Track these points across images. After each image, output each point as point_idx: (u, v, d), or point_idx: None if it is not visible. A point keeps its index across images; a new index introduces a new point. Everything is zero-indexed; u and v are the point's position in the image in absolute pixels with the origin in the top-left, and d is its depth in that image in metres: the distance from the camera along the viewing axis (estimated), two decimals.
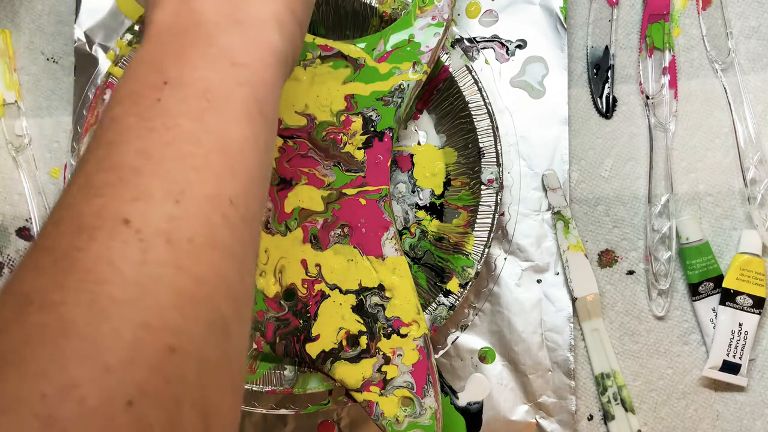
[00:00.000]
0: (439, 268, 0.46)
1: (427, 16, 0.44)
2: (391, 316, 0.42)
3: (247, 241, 0.23)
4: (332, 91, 0.43)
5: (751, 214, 0.46)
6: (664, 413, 0.46)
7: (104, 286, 0.19)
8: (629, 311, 0.47)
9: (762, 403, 0.46)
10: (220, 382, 0.20)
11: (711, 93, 0.47)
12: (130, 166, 0.21)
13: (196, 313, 0.20)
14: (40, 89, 0.53)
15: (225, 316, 0.21)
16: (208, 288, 0.20)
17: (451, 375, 0.47)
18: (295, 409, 0.45)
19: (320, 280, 0.42)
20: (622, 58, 0.48)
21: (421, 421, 0.41)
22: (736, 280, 0.45)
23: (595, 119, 0.48)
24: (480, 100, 0.45)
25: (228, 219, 0.22)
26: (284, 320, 0.42)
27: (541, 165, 0.47)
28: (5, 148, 0.52)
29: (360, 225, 0.42)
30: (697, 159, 0.47)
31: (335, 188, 0.43)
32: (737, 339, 0.45)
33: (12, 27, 0.53)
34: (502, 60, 0.48)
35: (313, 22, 0.48)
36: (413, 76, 0.43)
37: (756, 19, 0.47)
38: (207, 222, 0.21)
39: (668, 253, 0.46)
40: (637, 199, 0.47)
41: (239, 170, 0.23)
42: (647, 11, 0.48)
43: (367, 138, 0.43)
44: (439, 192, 0.47)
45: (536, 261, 0.47)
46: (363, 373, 0.41)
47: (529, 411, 0.46)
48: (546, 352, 0.46)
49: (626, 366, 0.47)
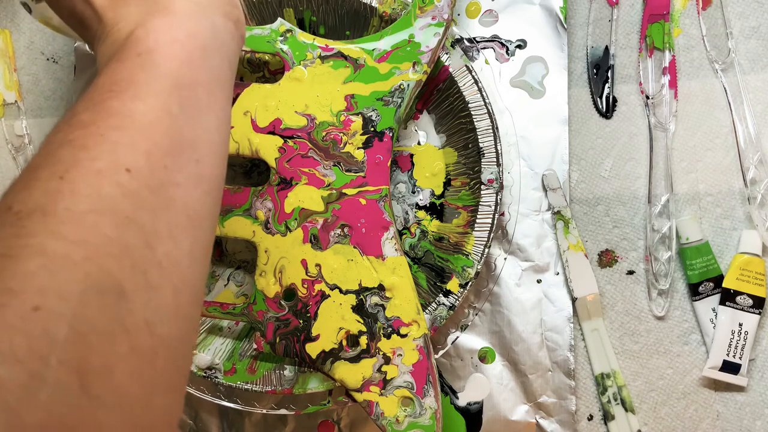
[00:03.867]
0: (439, 268, 0.46)
1: (427, 16, 0.44)
2: (391, 316, 0.42)
3: (158, 207, 0.23)
4: (332, 91, 0.43)
5: (751, 214, 0.46)
6: (664, 413, 0.46)
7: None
8: (629, 311, 0.47)
9: (762, 403, 0.46)
10: (108, 344, 0.20)
11: (711, 93, 0.47)
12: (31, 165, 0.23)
13: (71, 273, 0.20)
14: (40, 89, 0.53)
15: (117, 279, 0.21)
16: (89, 250, 0.21)
17: (451, 375, 0.47)
18: (295, 409, 0.45)
19: (320, 280, 0.42)
20: (622, 58, 0.48)
21: (421, 421, 0.41)
22: (736, 280, 0.45)
23: (595, 119, 0.48)
24: (480, 100, 0.45)
25: (124, 187, 0.22)
26: (284, 320, 0.42)
27: (541, 165, 0.47)
28: (5, 148, 0.52)
29: (360, 225, 0.42)
30: (697, 159, 0.47)
31: (335, 188, 0.43)
32: (737, 339, 0.45)
33: (12, 27, 0.53)
34: (502, 60, 0.48)
35: (313, 22, 0.48)
36: (413, 76, 0.43)
37: (756, 19, 0.47)
38: (93, 191, 0.22)
39: (668, 253, 0.46)
40: (637, 199, 0.47)
41: (141, 141, 0.24)
42: (647, 11, 0.48)
43: (367, 138, 0.43)
44: (439, 192, 0.47)
45: (536, 261, 0.47)
46: (363, 373, 0.41)
47: (529, 411, 0.46)
48: (546, 352, 0.46)
49: (626, 366, 0.47)
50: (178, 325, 0.23)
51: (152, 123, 0.24)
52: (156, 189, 0.23)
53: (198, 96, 0.27)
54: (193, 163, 0.26)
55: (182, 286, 0.24)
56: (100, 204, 0.22)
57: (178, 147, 0.25)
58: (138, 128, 0.24)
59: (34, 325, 0.19)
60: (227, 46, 0.30)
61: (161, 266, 0.23)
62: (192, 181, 0.25)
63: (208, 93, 0.27)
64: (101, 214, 0.22)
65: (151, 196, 0.23)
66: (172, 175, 0.24)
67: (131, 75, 0.26)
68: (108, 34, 0.29)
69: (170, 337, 0.23)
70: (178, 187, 0.24)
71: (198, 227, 0.25)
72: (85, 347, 0.20)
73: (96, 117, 0.24)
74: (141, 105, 0.25)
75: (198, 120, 0.26)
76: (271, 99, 0.43)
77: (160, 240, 0.23)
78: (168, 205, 0.24)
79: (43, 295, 0.19)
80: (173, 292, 0.23)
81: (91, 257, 0.21)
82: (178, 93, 0.26)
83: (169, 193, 0.24)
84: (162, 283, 0.23)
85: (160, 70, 0.26)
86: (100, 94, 0.25)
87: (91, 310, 0.20)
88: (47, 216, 0.21)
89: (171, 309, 0.23)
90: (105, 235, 0.21)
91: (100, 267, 0.21)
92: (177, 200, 0.24)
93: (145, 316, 0.22)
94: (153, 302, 0.22)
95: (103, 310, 0.20)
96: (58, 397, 0.19)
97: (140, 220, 0.22)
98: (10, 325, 0.19)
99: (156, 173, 0.24)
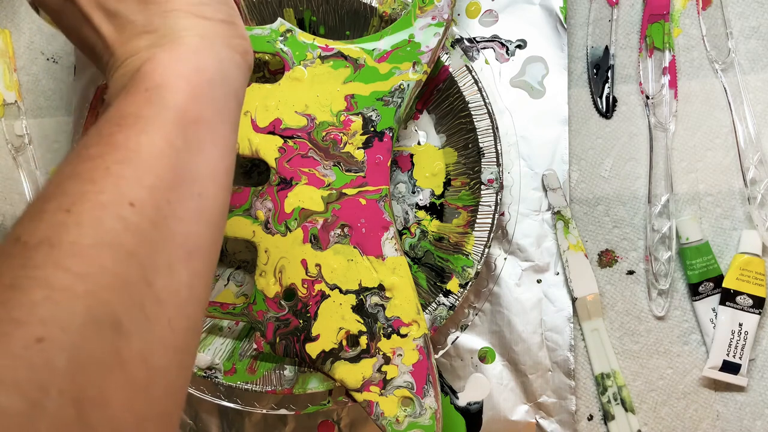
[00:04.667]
0: (439, 268, 0.46)
1: (427, 16, 0.44)
2: (391, 316, 0.42)
3: (159, 241, 0.24)
4: (332, 91, 0.43)
5: (751, 214, 0.46)
6: (664, 413, 0.46)
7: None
8: (629, 311, 0.47)
9: (762, 403, 0.46)
10: (105, 376, 0.21)
11: (711, 93, 0.47)
12: (40, 196, 0.24)
13: (73, 306, 0.21)
14: (40, 89, 0.53)
15: (115, 313, 0.21)
16: (90, 284, 0.21)
17: (451, 375, 0.47)
18: (295, 409, 0.45)
19: (320, 280, 0.42)
20: (622, 58, 0.48)
21: (421, 421, 0.41)
22: (736, 280, 0.45)
23: (595, 119, 0.48)
24: (480, 100, 0.45)
25: (127, 221, 0.23)
26: (284, 320, 0.42)
27: (541, 165, 0.47)
28: (5, 148, 0.52)
29: (360, 225, 0.42)
30: (697, 159, 0.47)
31: (335, 188, 0.43)
32: (737, 339, 0.45)
33: (12, 27, 0.53)
34: (502, 60, 0.48)
35: (313, 22, 0.48)
36: (413, 76, 0.43)
37: (756, 19, 0.47)
38: (97, 224, 0.22)
39: (668, 253, 0.46)
40: (637, 199, 0.47)
41: (145, 175, 0.24)
42: (647, 11, 0.48)
43: (367, 138, 0.43)
44: (439, 192, 0.47)
45: (536, 261, 0.47)
46: (363, 373, 0.41)
47: (529, 411, 0.46)
48: (546, 352, 0.46)
49: (626, 366, 0.47)
50: (173, 357, 0.24)
51: (156, 157, 0.25)
52: (158, 223, 0.24)
53: (202, 130, 0.27)
54: (196, 197, 0.26)
55: (179, 318, 0.24)
56: (103, 237, 0.22)
57: (180, 181, 0.26)
58: (143, 162, 0.25)
59: (37, 355, 0.19)
60: (233, 78, 0.30)
61: (159, 300, 0.23)
62: (193, 215, 0.26)
63: (212, 126, 0.28)
64: (104, 248, 0.22)
65: (153, 231, 0.24)
66: (174, 209, 0.25)
67: (138, 110, 0.26)
68: (119, 66, 0.29)
69: (165, 369, 0.23)
70: (180, 221, 0.25)
71: (197, 259, 0.26)
72: (83, 378, 0.20)
73: (102, 150, 0.24)
74: (146, 139, 0.25)
75: (201, 154, 0.27)
76: (271, 99, 0.43)
77: (159, 274, 0.24)
78: (169, 238, 0.24)
79: (47, 327, 0.20)
80: (169, 325, 0.23)
81: (92, 290, 0.21)
82: (183, 127, 0.26)
83: (171, 227, 0.25)
84: (159, 317, 0.23)
85: (166, 105, 0.26)
86: (108, 127, 0.26)
87: (90, 341, 0.21)
88: (53, 248, 0.21)
89: (167, 341, 0.23)
90: (106, 268, 0.22)
91: (100, 300, 0.21)
92: (178, 234, 0.25)
93: (141, 349, 0.22)
94: (149, 335, 0.23)
95: (102, 342, 0.21)
96: (56, 427, 0.19)
97: (140, 255, 0.23)
98: (14, 354, 0.19)
99: (159, 208, 0.24)
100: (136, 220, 0.23)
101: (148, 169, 0.25)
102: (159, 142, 0.25)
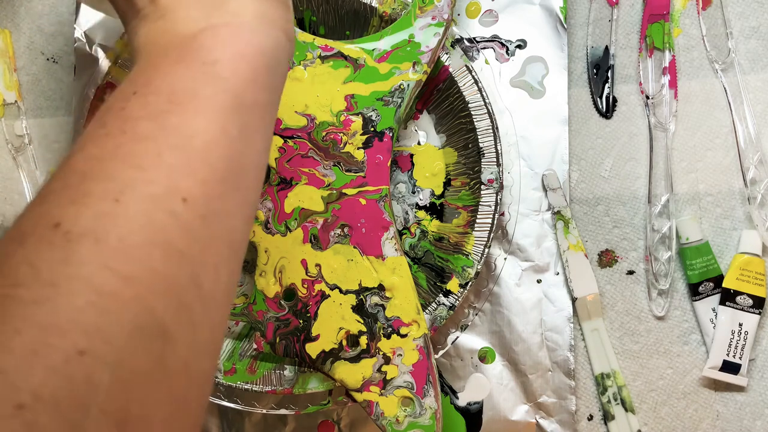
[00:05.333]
0: (439, 268, 0.46)
1: (427, 16, 0.44)
2: (391, 316, 0.42)
3: (208, 239, 0.22)
4: (332, 91, 0.43)
5: (751, 214, 0.46)
6: (664, 413, 0.46)
7: (17, 289, 0.18)
8: (629, 311, 0.47)
9: (762, 403, 0.46)
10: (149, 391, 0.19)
11: (711, 93, 0.47)
12: (78, 171, 0.21)
13: (119, 314, 0.19)
14: (40, 89, 0.53)
15: (162, 320, 0.20)
16: (138, 288, 0.19)
17: (451, 375, 0.47)
18: (295, 409, 0.45)
19: (320, 280, 0.42)
20: (622, 58, 0.48)
21: (421, 421, 0.41)
22: (736, 280, 0.45)
23: (595, 119, 0.48)
24: (480, 100, 0.45)
25: (178, 217, 0.21)
26: (284, 320, 0.42)
27: (541, 165, 0.47)
28: (5, 148, 0.52)
29: (360, 225, 0.42)
30: (697, 159, 0.47)
31: (335, 188, 0.43)
32: (737, 339, 0.45)
33: (12, 27, 0.53)
34: (502, 60, 0.48)
35: (313, 22, 0.48)
36: (413, 76, 0.43)
37: (756, 19, 0.47)
38: (147, 220, 0.20)
39: (668, 253, 0.46)
40: (637, 199, 0.47)
41: (199, 166, 0.22)
42: (647, 11, 0.48)
43: (367, 138, 0.43)
44: (439, 192, 0.47)
45: (536, 261, 0.47)
46: (363, 373, 0.41)
47: (529, 411, 0.46)
48: (546, 352, 0.46)
49: (626, 366, 0.47)
50: (210, 364, 0.22)
51: (210, 145, 0.23)
52: (208, 220, 0.22)
53: (255, 118, 0.25)
54: (243, 190, 0.24)
55: (219, 321, 0.23)
56: (154, 236, 0.20)
57: (232, 173, 0.24)
58: (197, 152, 0.23)
59: (78, 370, 0.18)
60: (284, 65, 0.28)
61: (205, 304, 0.22)
62: (239, 210, 0.24)
63: (264, 114, 0.26)
64: (154, 247, 0.20)
65: (203, 228, 0.22)
66: (224, 204, 0.23)
67: (195, 87, 0.24)
68: (160, 16, 0.26)
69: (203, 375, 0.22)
70: (227, 217, 0.23)
71: (236, 258, 0.24)
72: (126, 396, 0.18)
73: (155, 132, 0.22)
74: (202, 123, 0.23)
75: (252, 144, 0.25)
76: None
77: (207, 274, 0.22)
78: (217, 236, 0.23)
79: (90, 338, 0.18)
80: (210, 329, 0.22)
81: (140, 296, 0.19)
82: (239, 114, 0.24)
83: (220, 224, 0.23)
84: (203, 322, 0.21)
85: (224, 86, 0.24)
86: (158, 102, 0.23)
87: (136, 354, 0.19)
88: (99, 244, 0.19)
89: (208, 348, 0.22)
90: (155, 270, 0.20)
91: (148, 307, 0.19)
92: (225, 231, 0.23)
93: (185, 358, 0.20)
94: (194, 342, 0.21)
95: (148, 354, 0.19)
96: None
97: (191, 255, 0.21)
98: (52, 368, 0.17)
99: (210, 203, 0.22)
100: (187, 217, 0.21)
101: (203, 160, 0.22)
102: (214, 128, 0.23)
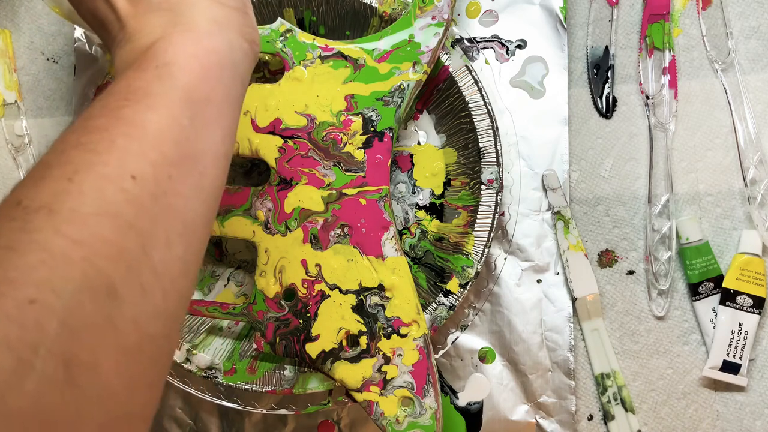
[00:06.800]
0: (439, 268, 0.46)
1: (427, 16, 0.44)
2: (391, 316, 0.42)
3: (158, 215, 0.24)
4: (332, 91, 0.43)
5: (751, 214, 0.46)
6: (664, 413, 0.46)
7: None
8: (629, 311, 0.47)
9: (762, 403, 0.46)
10: (97, 340, 0.21)
11: (711, 93, 0.47)
12: (44, 162, 0.24)
13: (68, 271, 0.21)
14: (40, 89, 0.53)
15: (110, 280, 0.22)
16: (87, 251, 0.22)
17: (451, 375, 0.47)
18: (295, 409, 0.45)
19: (320, 280, 0.42)
20: (622, 58, 0.48)
21: (421, 421, 0.41)
22: (736, 280, 0.45)
23: (595, 119, 0.48)
24: (480, 100, 0.45)
25: (128, 192, 0.24)
26: (284, 320, 0.42)
27: (541, 165, 0.47)
28: (5, 148, 0.52)
29: (360, 225, 0.42)
30: (697, 159, 0.47)
31: (335, 188, 0.43)
32: (737, 339, 0.45)
33: (12, 27, 0.53)
34: (502, 60, 0.48)
35: (313, 22, 0.48)
36: (413, 76, 0.43)
37: (756, 19, 0.47)
38: (99, 194, 0.23)
39: (668, 253, 0.46)
40: (637, 199, 0.47)
41: (149, 150, 0.25)
42: (647, 11, 0.48)
43: (367, 138, 0.43)
44: (439, 192, 0.47)
45: (536, 261, 0.47)
46: (363, 373, 0.41)
47: (529, 411, 0.46)
48: (546, 352, 0.46)
49: (626, 366, 0.47)
50: (164, 326, 0.24)
51: (162, 133, 0.26)
52: (158, 197, 0.25)
53: (208, 110, 0.28)
54: (197, 175, 0.27)
55: (172, 289, 0.25)
56: (104, 207, 0.23)
57: (183, 158, 0.26)
58: (148, 138, 0.25)
59: (28, 316, 0.20)
60: (241, 65, 0.31)
61: (155, 271, 0.24)
62: (193, 192, 0.27)
63: (218, 108, 0.29)
64: (103, 217, 0.23)
65: (153, 204, 0.24)
66: (175, 185, 0.25)
67: (147, 85, 0.27)
68: (128, 40, 0.30)
69: (155, 337, 0.24)
70: (179, 197, 0.26)
71: (192, 235, 0.26)
72: (73, 341, 0.21)
73: (109, 123, 0.25)
74: (153, 115, 0.26)
75: (205, 133, 0.28)
76: (271, 99, 0.43)
77: (157, 246, 0.24)
78: (167, 213, 0.25)
79: (40, 289, 0.20)
80: (163, 295, 0.24)
81: (88, 257, 0.22)
82: (190, 106, 0.27)
83: (170, 202, 0.25)
84: (154, 287, 0.24)
85: (175, 83, 0.27)
86: (116, 101, 0.26)
87: (83, 306, 0.21)
88: (53, 214, 0.22)
89: (160, 311, 0.24)
90: (105, 237, 0.22)
91: (97, 267, 0.22)
92: (176, 209, 0.25)
93: (134, 316, 0.23)
94: (143, 304, 0.23)
95: (95, 307, 0.21)
96: (43, 386, 0.20)
97: (139, 226, 0.24)
98: (5, 314, 0.20)
99: (160, 182, 0.25)
100: (137, 193, 0.24)
101: (153, 145, 0.25)
102: (165, 119, 0.26)
